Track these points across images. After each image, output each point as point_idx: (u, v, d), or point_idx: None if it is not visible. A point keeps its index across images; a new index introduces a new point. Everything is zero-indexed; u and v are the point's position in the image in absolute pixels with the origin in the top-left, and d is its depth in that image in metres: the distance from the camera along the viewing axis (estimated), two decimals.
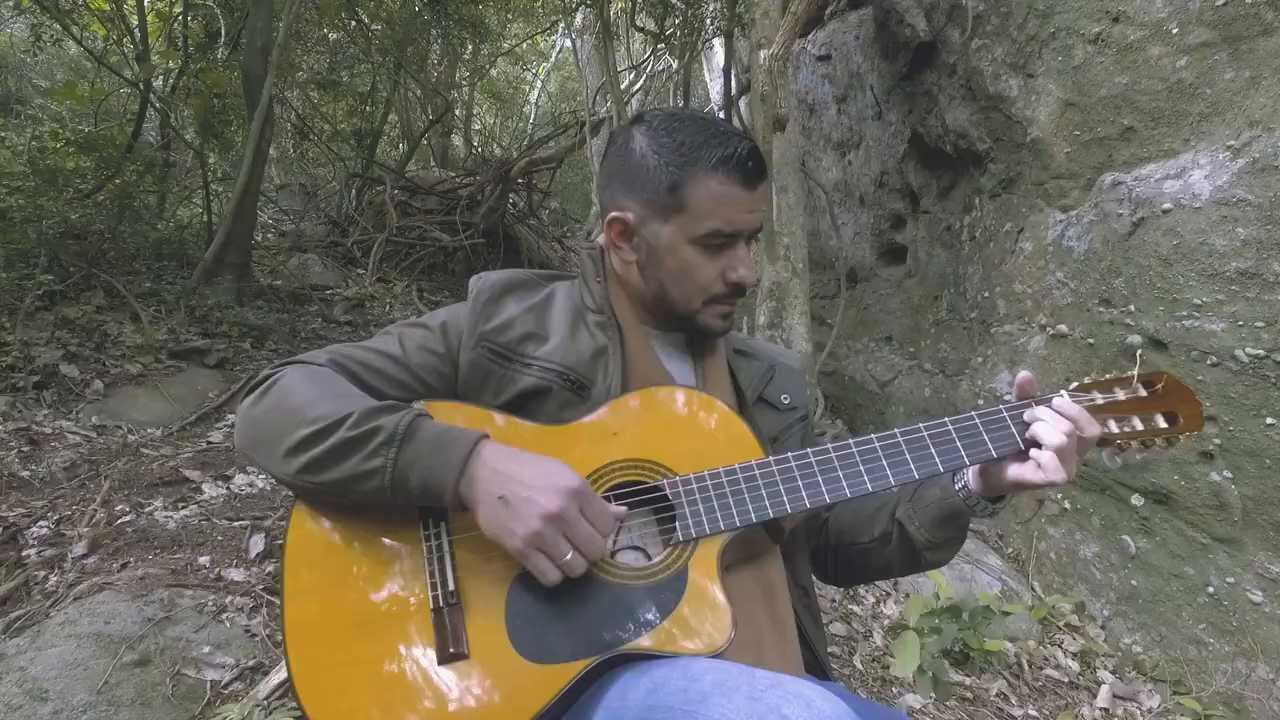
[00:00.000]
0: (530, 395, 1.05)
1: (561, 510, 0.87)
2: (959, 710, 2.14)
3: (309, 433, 0.92)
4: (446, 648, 0.87)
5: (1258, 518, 2.27)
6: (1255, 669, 2.21)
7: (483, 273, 1.16)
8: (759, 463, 0.99)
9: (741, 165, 1.04)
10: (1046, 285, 3.18)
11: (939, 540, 1.09)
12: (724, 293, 1.10)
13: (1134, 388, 1.05)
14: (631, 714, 0.80)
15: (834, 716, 0.70)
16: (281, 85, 6.74)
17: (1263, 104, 2.32)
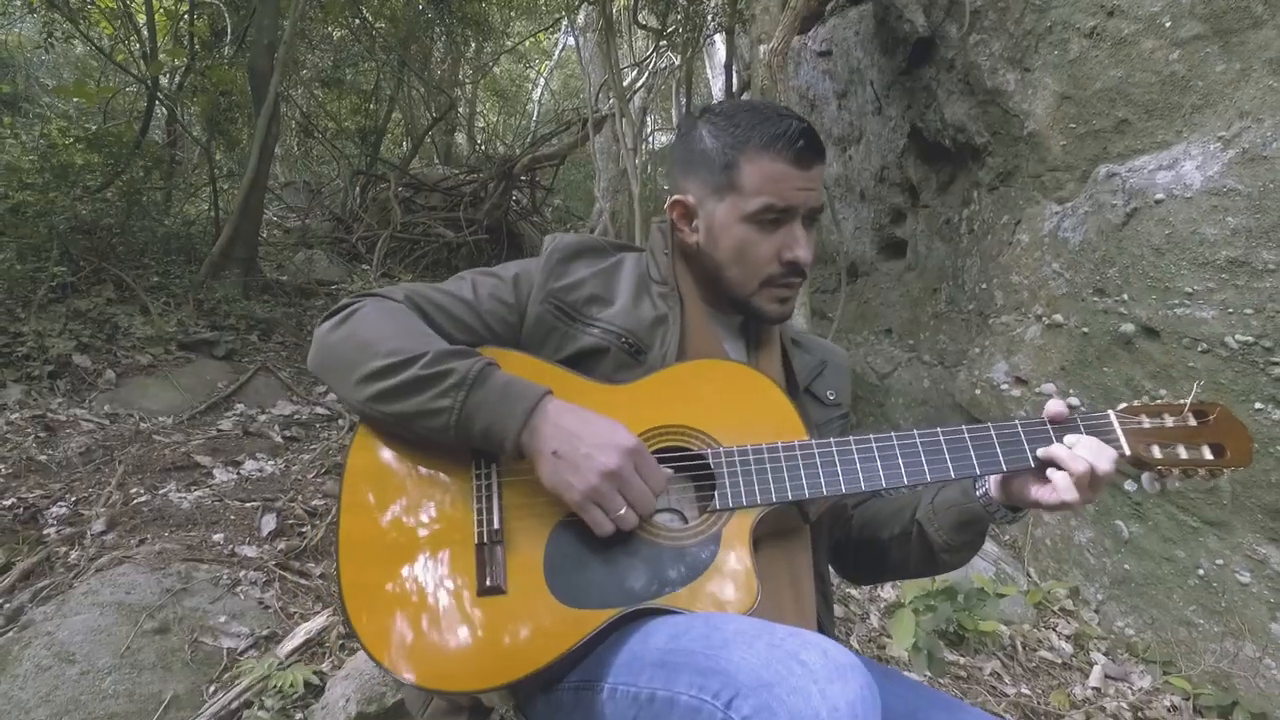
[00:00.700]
0: (589, 353, 1.10)
1: (619, 467, 0.93)
2: (953, 688, 2.19)
3: (383, 365, 0.98)
4: (485, 580, 0.92)
5: (1246, 501, 2.31)
6: (1243, 648, 2.26)
7: (557, 234, 1.21)
8: (801, 444, 1.02)
9: (791, 143, 1.07)
10: (1043, 276, 3.23)
11: (956, 543, 1.11)
12: (780, 273, 1.12)
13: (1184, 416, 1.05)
14: (653, 655, 0.85)
15: (849, 665, 0.75)
16: (287, 83, 6.81)
17: (1252, 95, 2.37)
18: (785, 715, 0.69)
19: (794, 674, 0.72)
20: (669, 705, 0.78)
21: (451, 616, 0.91)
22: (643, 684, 0.83)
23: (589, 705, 0.89)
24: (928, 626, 1.99)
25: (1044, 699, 2.28)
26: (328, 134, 8.62)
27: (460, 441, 0.97)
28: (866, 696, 0.71)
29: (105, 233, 4.43)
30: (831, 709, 0.68)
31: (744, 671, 0.74)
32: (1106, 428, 1.03)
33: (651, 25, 5.62)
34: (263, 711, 1.37)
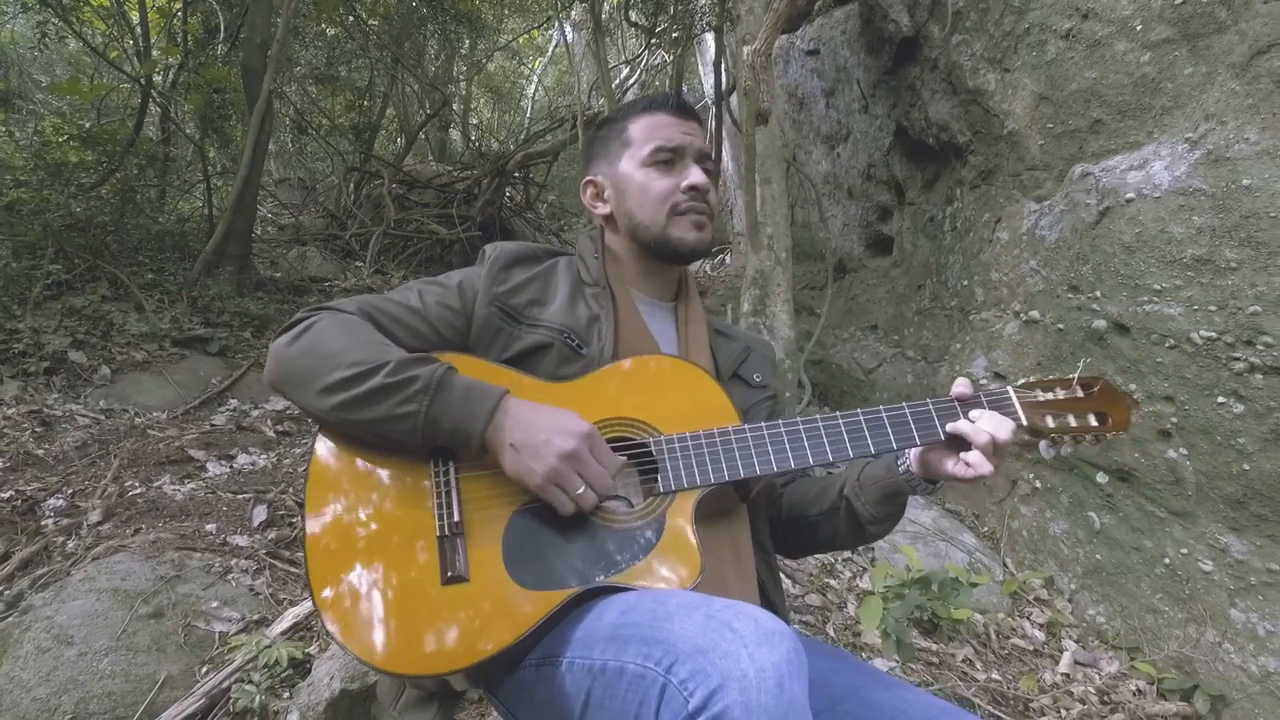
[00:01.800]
0: (534, 350, 1.18)
1: (576, 449, 1.00)
2: (924, 673, 2.26)
3: (346, 375, 1.04)
4: (448, 570, 0.99)
5: (1210, 491, 2.39)
6: (1204, 633, 2.33)
7: (497, 242, 1.30)
8: (735, 429, 1.10)
9: (665, 101, 1.28)
10: (1021, 273, 3.30)
11: (881, 515, 1.20)
12: (684, 199, 1.24)
13: (1073, 388, 1.16)
14: (605, 630, 0.92)
15: (777, 632, 0.82)
16: (280, 80, 6.84)
17: (1217, 98, 2.44)
18: (718, 676, 0.76)
19: (726, 640, 0.78)
20: (619, 674, 0.85)
21: (417, 606, 0.97)
22: (596, 656, 0.90)
23: (550, 680, 0.96)
24: (897, 614, 2.06)
25: (1014, 684, 2.35)
26: (321, 130, 8.65)
27: (427, 442, 1.04)
28: (792, 658, 0.78)
29: (100, 230, 4.47)
30: (759, 669, 0.76)
31: (683, 640, 0.81)
32: (1006, 402, 1.13)
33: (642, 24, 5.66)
34: (250, 685, 1.44)
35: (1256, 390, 2.23)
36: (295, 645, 1.51)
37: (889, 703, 1.10)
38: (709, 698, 0.75)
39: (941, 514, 3.30)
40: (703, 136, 1.31)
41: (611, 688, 0.87)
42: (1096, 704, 2.30)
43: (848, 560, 2.85)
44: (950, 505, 3.45)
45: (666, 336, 1.29)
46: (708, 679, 0.76)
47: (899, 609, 2.07)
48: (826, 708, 1.11)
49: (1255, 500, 2.24)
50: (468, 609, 0.98)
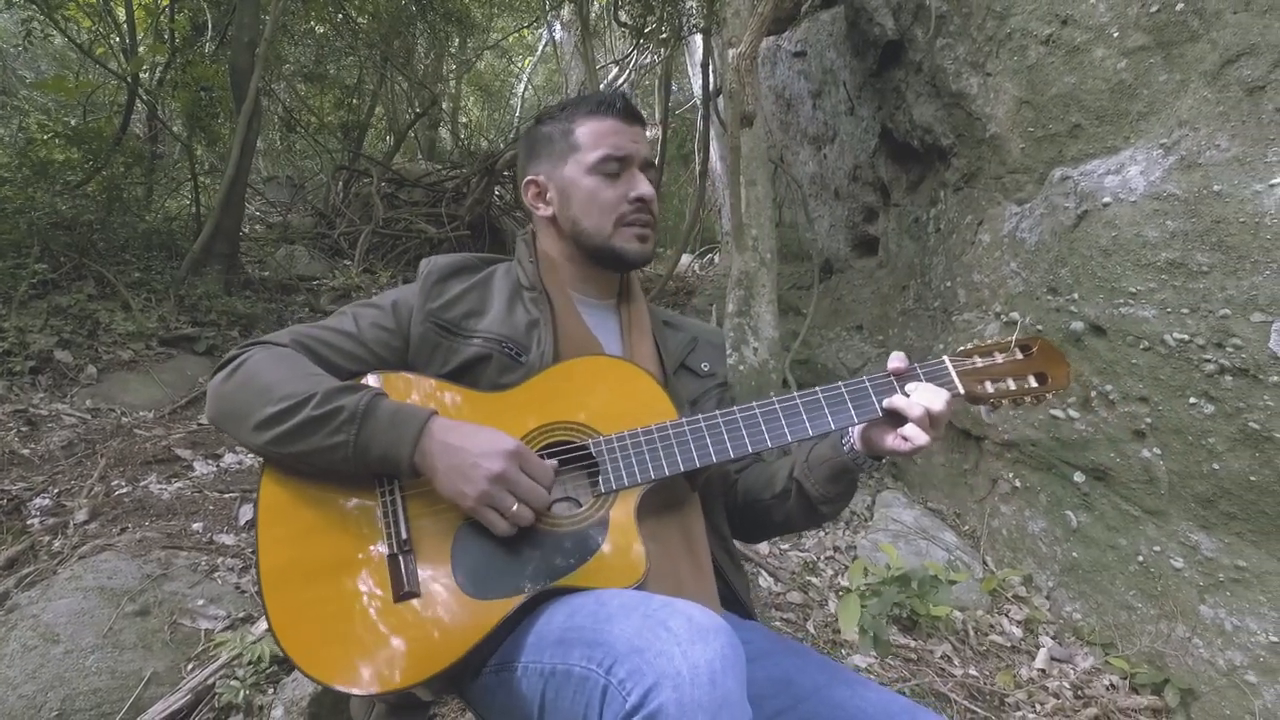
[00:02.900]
0: (474, 362, 1.20)
1: (504, 470, 1.02)
2: (902, 669, 2.30)
3: (276, 411, 1.06)
4: (401, 588, 1.02)
5: (1181, 490, 2.44)
6: (1175, 629, 2.38)
7: (431, 256, 1.32)
8: (673, 424, 1.13)
9: (612, 105, 1.28)
10: (1002, 275, 3.34)
11: (831, 494, 1.23)
12: (630, 210, 1.26)
13: (1012, 351, 1.18)
14: (554, 634, 0.95)
15: (711, 629, 0.85)
16: (268, 78, 6.83)
17: (1190, 105, 2.48)
18: (653, 675, 0.79)
19: (660, 639, 0.82)
20: (566, 676, 0.89)
21: (373, 625, 1.00)
22: (546, 660, 0.93)
23: (508, 685, 0.99)
24: (874, 610, 2.10)
25: (990, 680, 2.39)
26: (310, 129, 8.64)
27: (360, 470, 1.06)
28: (727, 654, 0.81)
29: (86, 229, 4.46)
30: (692, 667, 0.79)
31: (621, 641, 0.84)
32: (943, 372, 1.15)
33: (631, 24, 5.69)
34: (235, 681, 1.46)
35: (1226, 391, 2.28)
36: None
37: (850, 701, 1.13)
38: (645, 696, 0.78)
39: (923, 513, 3.34)
40: (648, 143, 1.33)
41: (562, 690, 0.90)
42: (1071, 699, 2.35)
43: (829, 558, 2.89)
44: (932, 504, 3.49)
45: (610, 336, 1.31)
46: (643, 678, 0.79)
47: (876, 605, 2.11)
48: (789, 706, 1.15)
49: (1224, 499, 2.29)
50: (420, 624, 1.00)
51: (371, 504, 1.08)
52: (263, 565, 1.05)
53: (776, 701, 1.14)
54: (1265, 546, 2.21)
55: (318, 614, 1.01)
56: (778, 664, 1.20)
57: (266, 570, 1.05)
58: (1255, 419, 2.20)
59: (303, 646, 1.00)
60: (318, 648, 0.99)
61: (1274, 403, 2.15)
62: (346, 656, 0.98)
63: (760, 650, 1.23)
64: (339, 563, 1.04)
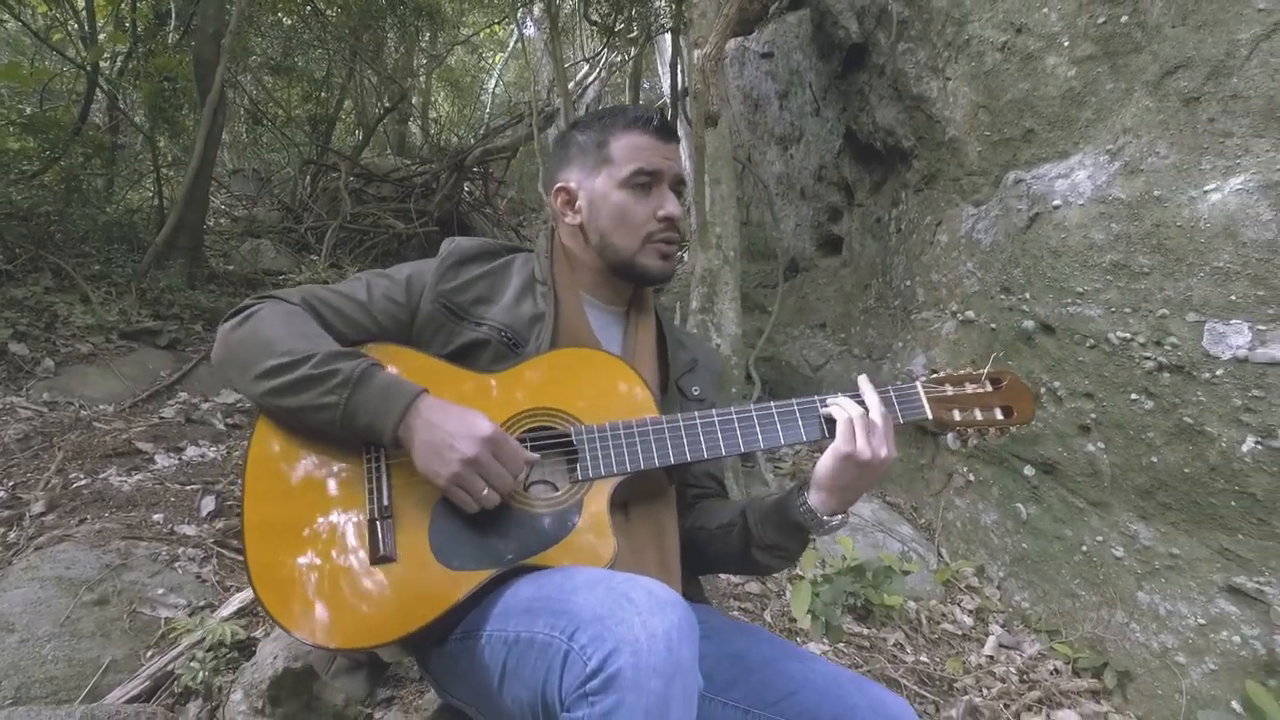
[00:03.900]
0: (472, 346, 1.25)
1: (476, 455, 1.06)
2: (855, 657, 2.37)
3: (276, 364, 1.10)
4: (378, 551, 1.06)
5: (1123, 482, 2.53)
6: (1114, 615, 2.48)
7: (456, 237, 1.35)
8: (652, 420, 1.18)
9: (649, 121, 1.30)
10: (958, 275, 3.43)
11: (770, 541, 1.25)
12: (658, 229, 1.29)
13: (982, 383, 1.23)
14: (520, 605, 1.00)
15: (670, 602, 0.90)
16: (234, 70, 6.74)
17: (1134, 113, 2.58)
18: (613, 641, 0.84)
19: (622, 608, 0.87)
20: (530, 643, 0.94)
21: (348, 584, 1.05)
22: (511, 629, 0.98)
23: (472, 652, 1.03)
24: (826, 598, 2.16)
25: (941, 666, 2.47)
26: (277, 122, 8.54)
27: (346, 434, 1.10)
28: (682, 625, 0.87)
29: (43, 220, 4.39)
30: (650, 634, 0.84)
31: (585, 610, 0.89)
32: (914, 396, 1.21)
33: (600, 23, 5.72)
34: (195, 663, 1.48)
35: (1164, 388, 2.38)
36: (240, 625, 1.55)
37: (799, 672, 1.19)
38: (605, 660, 0.83)
39: (881, 506, 3.42)
40: (680, 161, 1.34)
41: (524, 656, 0.95)
42: (1016, 683, 2.44)
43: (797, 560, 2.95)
44: (890, 499, 3.58)
45: (613, 341, 1.34)
46: (604, 644, 0.84)
47: (828, 593, 2.18)
48: (741, 677, 1.20)
49: (1161, 490, 2.39)
50: (394, 588, 1.05)
51: (358, 469, 1.13)
52: (247, 518, 1.09)
53: (729, 674, 1.20)
54: (1196, 535, 2.31)
55: (296, 568, 1.05)
56: (730, 641, 1.26)
57: (251, 523, 1.09)
58: (1189, 414, 2.30)
59: (277, 597, 1.04)
60: (291, 600, 1.03)
61: (1206, 398, 2.25)
62: (318, 612, 1.03)
63: (715, 629, 1.28)
64: (322, 521, 1.09)
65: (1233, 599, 2.20)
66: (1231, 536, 2.21)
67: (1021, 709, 2.29)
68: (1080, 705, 2.34)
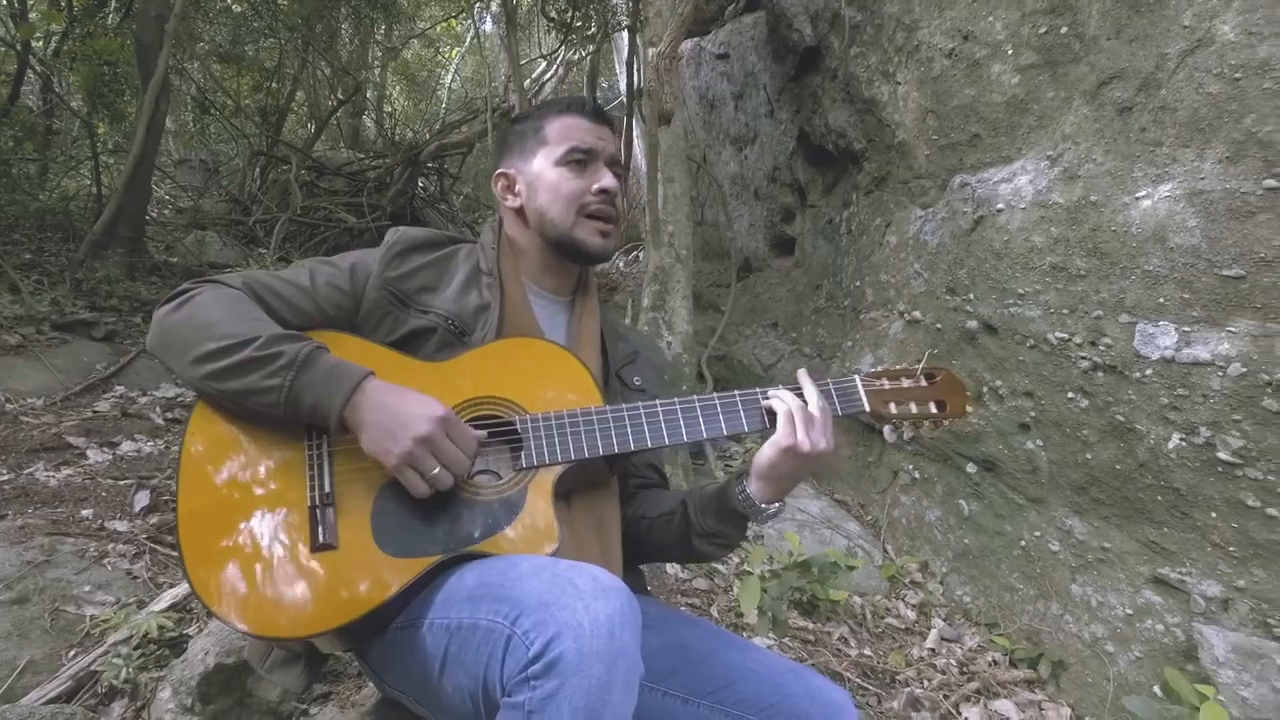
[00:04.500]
0: (417, 334, 1.24)
1: (431, 433, 1.05)
2: (800, 651, 2.40)
3: (218, 346, 1.08)
4: (319, 539, 1.04)
5: (1060, 479, 2.61)
6: (1050, 607, 2.55)
7: (401, 226, 1.34)
8: (597, 410, 1.18)
9: (582, 104, 1.35)
10: (906, 276, 3.50)
11: (709, 529, 1.27)
12: (594, 202, 1.30)
13: (918, 378, 1.27)
14: (464, 592, 1.00)
15: (613, 588, 0.90)
16: (180, 56, 6.56)
17: (1073, 121, 2.66)
18: (555, 626, 0.84)
19: (566, 594, 0.87)
20: (473, 630, 0.93)
21: (286, 572, 1.02)
22: (453, 616, 0.97)
23: (413, 641, 1.02)
24: (774, 593, 2.19)
25: (884, 659, 2.51)
26: (226, 111, 8.32)
27: (290, 417, 1.08)
28: (624, 610, 0.87)
29: None
30: (593, 620, 0.84)
31: (529, 596, 0.89)
32: (852, 390, 1.24)
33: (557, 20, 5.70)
34: (118, 659, 1.42)
35: (1098, 387, 2.46)
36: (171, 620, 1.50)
37: (740, 662, 1.21)
38: (547, 645, 0.83)
39: (829, 504, 3.47)
40: (615, 143, 1.38)
41: (467, 643, 0.94)
42: (956, 674, 2.49)
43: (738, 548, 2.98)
44: (838, 496, 3.63)
45: (557, 330, 1.35)
46: (547, 629, 0.84)
47: (775, 588, 2.20)
48: (683, 667, 1.21)
49: (1095, 486, 2.47)
50: (334, 575, 1.03)
51: (298, 456, 1.11)
52: (181, 506, 1.06)
53: (670, 664, 1.20)
54: (1126, 529, 2.39)
55: (231, 557, 1.03)
56: (673, 631, 1.27)
57: (185, 512, 1.06)
58: (1121, 412, 2.38)
59: (212, 586, 1.01)
60: (227, 589, 1.01)
61: (1136, 397, 2.33)
62: (254, 600, 1.00)
63: (656, 619, 1.29)
64: (261, 508, 1.06)
65: (1157, 589, 2.28)
66: (1158, 530, 2.30)
67: (960, 699, 2.34)
68: (1016, 695, 2.40)
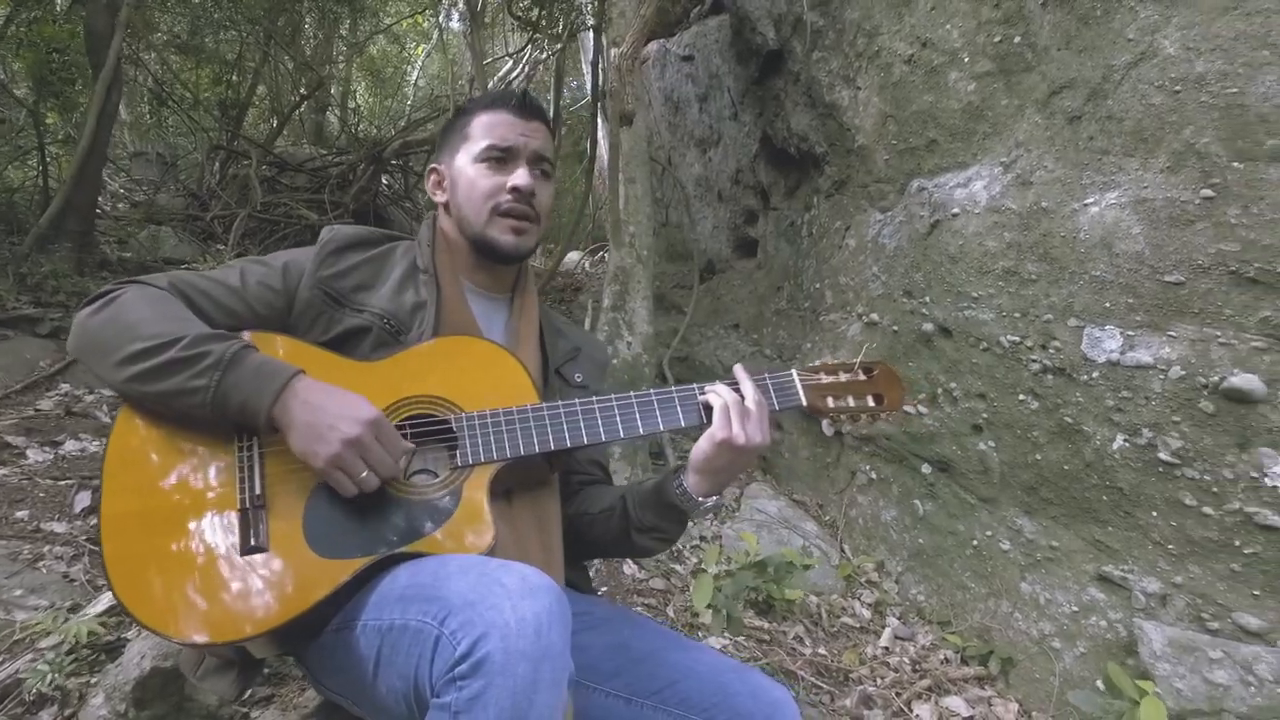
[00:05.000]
0: (353, 333, 1.22)
1: (359, 436, 1.04)
2: (755, 650, 2.41)
3: (142, 347, 1.05)
4: (249, 541, 1.02)
5: (1011, 479, 2.66)
6: (1000, 605, 2.60)
7: (334, 225, 1.32)
8: (533, 407, 1.18)
9: (507, 98, 1.32)
10: (864, 278, 3.54)
11: (648, 523, 1.27)
12: (505, 200, 1.29)
13: (856, 372, 1.29)
14: (396, 593, 0.99)
15: (541, 587, 0.90)
16: (135, 46, 6.40)
17: (1026, 128, 2.71)
18: (482, 625, 0.84)
19: (493, 593, 0.87)
20: (404, 630, 0.92)
21: (215, 576, 1.00)
22: (385, 617, 0.96)
23: (348, 643, 1.01)
24: (728, 591, 2.19)
25: (838, 658, 2.54)
26: (184, 104, 8.13)
27: (217, 417, 1.06)
28: (553, 609, 0.87)
29: None
30: (519, 619, 0.84)
31: (457, 596, 0.88)
32: (789, 384, 1.25)
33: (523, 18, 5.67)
34: (44, 665, 1.38)
35: (1048, 389, 2.51)
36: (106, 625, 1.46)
37: (682, 662, 1.21)
38: (474, 644, 0.83)
39: (788, 504, 3.50)
40: (544, 138, 1.34)
41: (398, 644, 0.93)
42: (909, 672, 2.53)
43: (695, 547, 2.99)
44: (797, 496, 3.66)
45: (496, 328, 1.34)
46: (473, 628, 0.84)
47: (730, 587, 2.21)
48: (626, 667, 1.21)
49: (1044, 486, 2.52)
50: (264, 579, 1.01)
51: (229, 457, 1.09)
52: (105, 511, 1.04)
53: (613, 664, 1.20)
54: (1073, 528, 2.44)
55: (158, 563, 1.00)
56: (616, 631, 1.27)
57: (108, 516, 1.04)
58: (1069, 414, 2.43)
59: (137, 594, 0.99)
60: (152, 595, 0.99)
61: (1084, 399, 2.38)
62: (183, 606, 0.98)
63: (600, 619, 1.29)
64: (187, 513, 1.04)
65: (1101, 587, 2.34)
66: (1102, 528, 2.35)
67: (912, 697, 2.38)
68: (966, 691, 2.44)
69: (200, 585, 1.00)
